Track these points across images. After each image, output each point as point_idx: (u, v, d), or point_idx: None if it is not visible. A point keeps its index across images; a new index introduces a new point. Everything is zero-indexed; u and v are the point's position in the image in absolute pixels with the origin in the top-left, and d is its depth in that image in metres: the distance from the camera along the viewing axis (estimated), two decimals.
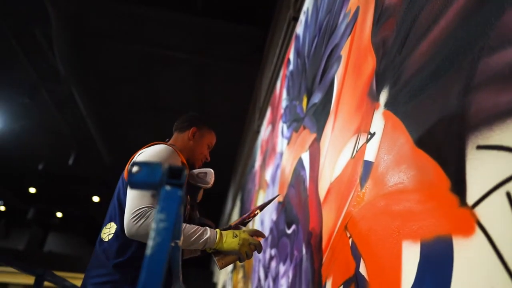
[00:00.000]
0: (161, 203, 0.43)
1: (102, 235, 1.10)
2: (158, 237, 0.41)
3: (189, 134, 1.35)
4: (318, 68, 1.78)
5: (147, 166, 0.45)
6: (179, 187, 0.45)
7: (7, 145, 7.91)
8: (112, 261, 1.05)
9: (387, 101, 0.98)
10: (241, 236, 1.08)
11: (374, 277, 0.91)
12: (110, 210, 1.15)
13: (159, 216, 0.42)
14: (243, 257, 1.08)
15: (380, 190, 0.95)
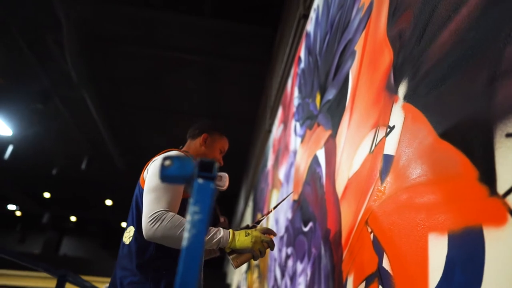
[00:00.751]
0: (195, 196, 0.44)
1: (124, 239, 1.16)
2: (194, 229, 0.41)
3: (200, 140, 1.40)
4: (331, 65, 1.77)
5: (179, 160, 0.46)
6: (211, 180, 0.45)
7: (22, 151, 8.06)
8: (133, 262, 1.10)
9: (406, 93, 0.97)
10: (253, 234, 1.11)
11: (398, 271, 0.90)
12: (130, 215, 1.21)
13: (193, 209, 0.43)
14: (257, 254, 1.11)
15: (402, 184, 0.94)
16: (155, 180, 1.10)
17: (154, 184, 1.09)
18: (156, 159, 1.21)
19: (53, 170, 8.82)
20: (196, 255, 0.40)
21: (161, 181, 0.46)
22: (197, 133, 1.42)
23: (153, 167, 1.15)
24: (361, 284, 1.12)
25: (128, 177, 8.97)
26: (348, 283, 1.24)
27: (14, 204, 11.44)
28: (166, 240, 1.04)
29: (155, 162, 1.18)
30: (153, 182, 1.10)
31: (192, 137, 1.43)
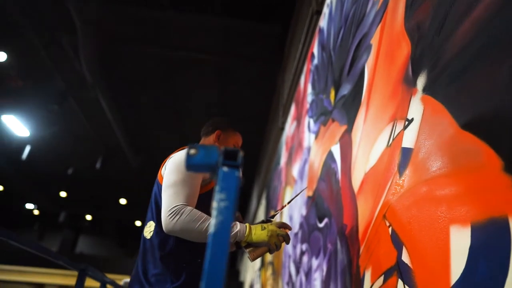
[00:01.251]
0: (220, 183, 0.44)
1: (145, 233, 1.20)
2: (220, 216, 0.42)
3: (214, 137, 1.41)
4: (345, 60, 1.76)
5: (204, 148, 0.46)
6: (236, 168, 0.46)
7: (38, 152, 8.24)
8: (154, 255, 1.14)
9: (425, 85, 0.96)
10: (269, 228, 1.12)
11: (419, 264, 0.89)
12: (149, 211, 1.24)
13: (219, 196, 0.43)
14: (273, 248, 1.12)
15: (421, 176, 0.93)
16: (173, 176, 1.13)
17: (172, 179, 1.12)
18: (173, 156, 1.23)
19: (68, 170, 9.00)
20: (223, 241, 0.41)
21: (187, 170, 0.47)
22: (210, 130, 1.44)
23: (171, 164, 1.18)
24: (379, 278, 1.12)
25: (142, 176, 9.09)
26: (365, 278, 1.23)
27: (32, 203, 11.71)
28: (185, 233, 1.07)
29: (172, 159, 1.21)
30: (172, 178, 1.12)
31: (206, 134, 1.45)
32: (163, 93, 6.20)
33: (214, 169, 0.46)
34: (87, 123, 7.14)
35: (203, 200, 1.17)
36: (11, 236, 1.02)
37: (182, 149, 1.31)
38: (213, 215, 0.42)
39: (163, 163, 1.28)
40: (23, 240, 1.13)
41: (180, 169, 1.13)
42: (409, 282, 0.93)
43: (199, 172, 0.48)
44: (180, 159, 1.17)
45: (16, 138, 7.60)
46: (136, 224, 13.41)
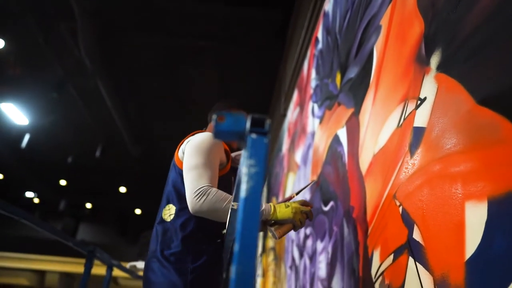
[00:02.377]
0: (249, 149, 0.44)
1: (164, 216, 1.21)
2: (251, 181, 0.42)
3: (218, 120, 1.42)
4: (352, 42, 1.75)
5: (231, 116, 0.46)
6: (264, 135, 0.45)
7: (38, 140, 8.22)
8: (175, 237, 1.16)
9: (439, 63, 0.95)
10: (292, 206, 1.15)
11: (431, 241, 0.90)
12: (167, 195, 1.26)
13: (249, 162, 0.43)
14: (298, 224, 1.15)
15: (434, 155, 0.93)
16: (195, 159, 1.14)
17: (194, 162, 1.13)
18: (191, 139, 1.24)
19: (68, 158, 8.99)
20: (255, 205, 0.41)
21: (215, 137, 0.47)
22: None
23: (191, 147, 1.19)
24: (389, 256, 1.13)
25: (142, 165, 9.12)
26: (374, 257, 1.24)
27: (32, 191, 11.74)
28: (212, 213, 1.09)
29: (191, 142, 1.22)
30: (194, 160, 1.14)
31: (210, 120, 1.50)
32: (163, 81, 6.16)
33: (242, 136, 0.46)
34: (87, 111, 7.10)
35: (219, 183, 1.19)
36: (24, 215, 1.02)
37: (197, 132, 1.32)
38: (243, 181, 0.42)
39: (179, 146, 1.29)
40: (35, 219, 1.13)
41: (201, 151, 1.15)
42: (420, 259, 0.94)
43: (226, 139, 0.48)
44: (200, 141, 1.19)
45: (15, 127, 7.57)
46: (136, 212, 13.48)
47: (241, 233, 0.39)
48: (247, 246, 0.38)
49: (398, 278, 1.05)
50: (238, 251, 0.38)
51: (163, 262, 1.11)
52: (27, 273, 10.24)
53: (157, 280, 1.09)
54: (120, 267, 2.23)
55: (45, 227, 1.22)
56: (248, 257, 0.38)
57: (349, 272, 1.47)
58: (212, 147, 1.18)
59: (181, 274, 1.08)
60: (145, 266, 1.19)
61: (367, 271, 1.28)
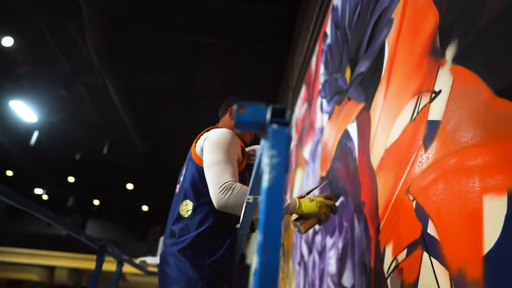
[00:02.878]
0: (271, 140, 0.44)
1: (181, 212, 1.21)
2: (274, 171, 0.42)
3: (228, 115, 1.45)
4: (363, 37, 1.73)
5: (252, 106, 0.46)
6: (285, 126, 0.45)
7: (46, 137, 8.29)
8: (192, 232, 1.16)
9: (455, 55, 0.93)
10: (317, 200, 1.14)
11: (446, 236, 0.89)
12: (184, 190, 1.25)
13: (271, 152, 0.43)
14: (323, 218, 1.14)
15: (450, 149, 0.92)
16: (216, 155, 1.14)
17: (216, 158, 1.14)
18: (208, 135, 1.23)
19: (76, 155, 9.06)
20: (278, 194, 0.40)
21: (236, 127, 0.46)
22: (224, 110, 1.47)
23: (210, 143, 1.19)
24: (402, 252, 1.12)
25: (149, 162, 9.16)
26: (386, 253, 1.24)
27: (41, 188, 11.87)
28: (237, 208, 1.08)
29: (209, 138, 1.21)
30: (215, 156, 1.14)
31: (221, 115, 1.49)
32: (170, 77, 6.17)
33: (263, 126, 0.45)
34: (94, 108, 7.14)
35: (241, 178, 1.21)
36: (39, 209, 1.03)
37: (212, 128, 1.32)
38: (265, 171, 0.42)
39: (195, 142, 1.28)
40: (49, 214, 1.14)
41: (221, 147, 1.15)
42: (435, 254, 0.93)
43: (247, 130, 0.47)
44: (218, 137, 1.19)
45: (24, 124, 7.65)
46: (143, 209, 13.57)
47: (264, 224, 0.39)
48: (271, 236, 0.38)
49: (412, 273, 1.04)
50: (262, 242, 0.38)
51: (179, 257, 1.12)
52: (37, 269, 10.38)
53: (173, 274, 1.09)
54: (131, 262, 2.25)
55: (58, 221, 1.23)
56: (272, 247, 0.37)
57: (361, 268, 1.47)
58: (231, 142, 1.19)
59: (198, 269, 1.09)
60: (160, 260, 1.19)
61: (380, 266, 1.27)
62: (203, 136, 1.27)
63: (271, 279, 0.35)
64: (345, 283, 1.64)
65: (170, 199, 1.32)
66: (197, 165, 1.22)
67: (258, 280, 0.36)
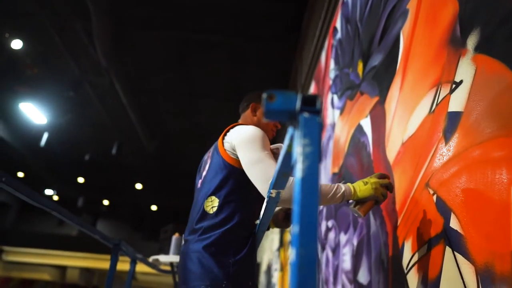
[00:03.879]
0: (303, 129, 0.42)
1: (206, 208, 1.19)
2: (307, 160, 0.40)
3: (250, 111, 1.41)
4: (376, 30, 1.70)
5: (282, 94, 0.44)
6: (317, 114, 0.43)
7: (56, 139, 8.37)
8: (219, 229, 1.14)
9: (478, 44, 0.91)
10: (371, 181, 1.11)
11: (471, 230, 0.87)
12: (209, 187, 1.22)
13: (303, 141, 0.41)
14: (380, 199, 1.11)
15: (474, 140, 0.89)
16: (256, 153, 1.12)
17: (257, 156, 1.12)
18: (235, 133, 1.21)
19: (85, 156, 9.13)
20: (313, 184, 0.39)
21: (265, 116, 0.45)
22: (245, 106, 1.44)
23: (245, 142, 1.16)
24: (422, 247, 1.10)
25: (157, 161, 9.20)
26: (405, 249, 1.21)
27: (51, 189, 12.01)
28: (291, 201, 1.06)
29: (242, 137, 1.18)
30: (256, 154, 1.12)
31: (242, 111, 1.46)
32: (177, 77, 6.18)
33: (293, 115, 0.44)
34: (103, 109, 7.18)
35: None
36: (54, 207, 1.03)
37: (236, 125, 1.30)
38: (298, 161, 0.41)
39: (221, 139, 1.25)
40: (64, 212, 1.14)
41: (258, 144, 1.13)
42: (459, 249, 0.91)
43: (276, 119, 0.46)
44: (251, 134, 1.17)
45: (34, 126, 7.73)
46: (152, 208, 13.65)
47: (300, 214, 0.37)
48: (308, 227, 0.37)
49: (433, 269, 1.02)
50: (299, 233, 0.36)
51: (203, 253, 1.10)
52: (49, 269, 10.52)
53: (197, 270, 1.07)
54: (144, 261, 2.25)
55: (73, 219, 1.23)
56: (309, 238, 0.36)
57: (377, 264, 1.44)
58: (264, 139, 1.17)
59: (223, 267, 1.07)
60: (182, 255, 1.17)
61: (398, 262, 1.25)
62: (229, 133, 1.24)
63: (309, 271, 0.34)
64: (360, 279, 1.62)
65: (178, 198, 1.30)
66: (226, 162, 1.20)
67: (297, 272, 0.34)
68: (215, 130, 1.72)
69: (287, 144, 0.52)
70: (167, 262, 2.50)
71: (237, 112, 1.47)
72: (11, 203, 12.08)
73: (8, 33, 5.59)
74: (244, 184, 1.18)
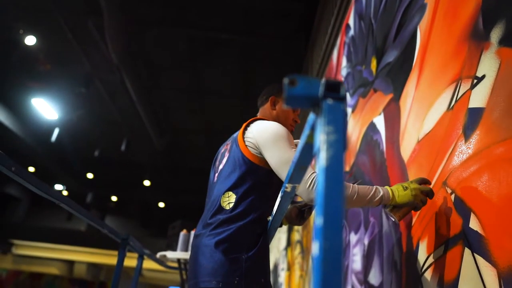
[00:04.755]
0: (327, 116, 0.40)
1: (222, 204, 1.16)
2: (331, 149, 0.38)
3: (269, 104, 1.37)
4: (391, 25, 1.66)
5: (304, 79, 0.42)
6: (341, 101, 0.41)
7: (67, 134, 8.46)
8: (233, 225, 1.11)
9: (503, 37, 0.87)
10: (411, 187, 1.06)
11: (493, 230, 0.83)
12: (226, 182, 1.19)
13: (327, 129, 0.39)
14: (420, 205, 1.07)
15: (496, 137, 0.86)
16: (285, 151, 1.09)
17: (287, 154, 1.09)
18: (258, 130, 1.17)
19: (95, 152, 9.21)
20: (338, 174, 0.37)
21: (286, 103, 0.42)
22: (264, 99, 1.40)
23: (271, 139, 1.12)
24: (439, 248, 1.06)
25: (165, 158, 9.23)
26: (420, 249, 1.18)
27: (61, 184, 12.15)
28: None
29: (267, 134, 1.14)
30: (285, 153, 1.09)
31: (261, 104, 1.42)
32: (187, 74, 6.19)
33: (316, 101, 0.42)
34: (113, 105, 7.23)
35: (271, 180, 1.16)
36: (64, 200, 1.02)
37: (257, 119, 1.26)
38: (322, 149, 0.38)
39: (241, 135, 1.21)
40: (72, 204, 1.13)
41: (285, 142, 1.11)
42: (479, 250, 0.87)
43: (298, 106, 0.43)
44: (277, 132, 1.14)
45: (46, 121, 7.82)
46: (160, 205, 13.72)
47: (324, 205, 0.35)
48: (332, 219, 0.34)
49: (451, 271, 0.98)
50: (323, 225, 0.34)
51: (217, 249, 1.07)
52: (57, 263, 10.65)
53: (209, 265, 1.05)
54: (151, 257, 2.25)
55: (82, 212, 1.22)
56: (334, 231, 0.34)
57: (389, 265, 1.41)
58: (289, 136, 1.14)
59: (235, 263, 1.04)
60: (194, 249, 1.15)
61: (412, 263, 1.22)
62: (251, 128, 1.20)
63: (335, 266, 0.32)
64: (371, 280, 1.59)
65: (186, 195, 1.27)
66: (246, 158, 1.16)
67: (321, 267, 0.32)
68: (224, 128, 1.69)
69: (307, 134, 0.49)
70: (174, 258, 2.50)
71: (247, 110, 1.43)
72: (21, 197, 12.25)
73: (22, 29, 5.65)
74: (263, 181, 1.16)
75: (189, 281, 1.13)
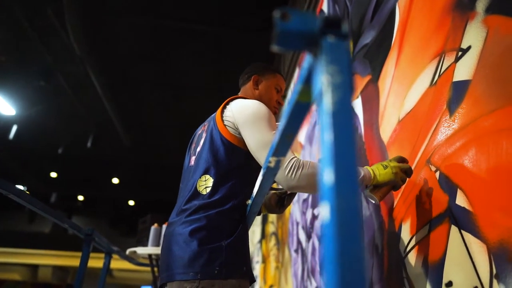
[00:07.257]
0: (328, 55, 0.32)
1: (198, 188, 1.07)
2: (338, 91, 0.30)
3: (251, 84, 1.28)
4: (367, 7, 1.63)
5: (298, 13, 0.34)
6: (344, 39, 0.34)
7: (26, 131, 7.96)
8: (211, 211, 1.02)
9: (490, 4, 0.84)
10: (391, 165, 1.02)
11: (482, 205, 0.80)
12: (202, 164, 1.10)
13: (331, 69, 0.32)
14: (399, 184, 1.03)
15: (484, 109, 0.82)
16: (264, 133, 1.01)
17: (267, 137, 1.00)
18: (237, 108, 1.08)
19: (59, 149, 8.74)
20: (348, 120, 0.30)
21: (276, 41, 0.34)
22: (246, 78, 1.31)
23: (251, 119, 1.04)
24: (423, 228, 1.03)
25: (135, 155, 8.92)
26: (402, 231, 1.15)
27: (22, 184, 11.46)
28: (313, 186, 0.96)
29: (246, 113, 1.05)
30: (265, 135, 1.01)
31: (242, 84, 1.33)
32: (156, 68, 5.96)
33: (314, 39, 0.34)
34: (77, 99, 6.85)
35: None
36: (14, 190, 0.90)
37: (236, 97, 1.16)
38: (326, 93, 0.31)
39: (219, 113, 1.12)
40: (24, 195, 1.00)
41: (266, 123, 1.02)
42: (467, 227, 0.84)
43: (290, 47, 0.35)
44: (258, 112, 1.05)
45: (2, 117, 7.30)
46: (129, 204, 13.31)
47: (334, 158, 0.28)
48: (346, 173, 0.27)
49: (436, 250, 0.95)
50: (335, 182, 0.27)
51: (192, 237, 0.97)
52: (19, 268, 10.06)
53: (184, 255, 0.95)
54: (120, 253, 2.11)
55: (33, 202, 1.09)
56: (349, 186, 0.27)
57: (371, 249, 1.38)
58: (271, 116, 1.06)
59: (214, 252, 0.95)
60: (167, 237, 1.05)
61: (394, 246, 1.19)
62: (230, 106, 1.12)
63: (354, 231, 0.24)
64: None
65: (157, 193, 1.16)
66: (225, 138, 1.08)
67: (336, 236, 0.25)
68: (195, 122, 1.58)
69: (299, 90, 0.41)
70: (145, 254, 2.37)
71: (220, 103, 1.33)
72: None
73: None
74: (243, 164, 1.08)
75: (161, 273, 1.02)
